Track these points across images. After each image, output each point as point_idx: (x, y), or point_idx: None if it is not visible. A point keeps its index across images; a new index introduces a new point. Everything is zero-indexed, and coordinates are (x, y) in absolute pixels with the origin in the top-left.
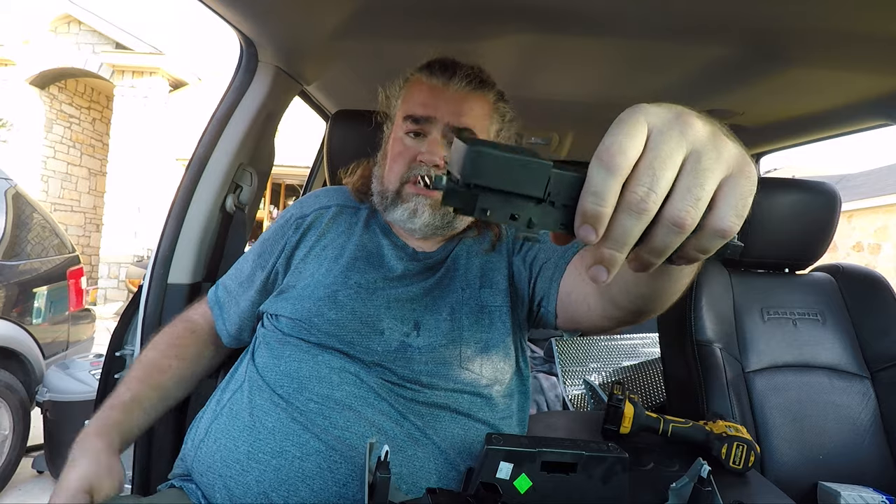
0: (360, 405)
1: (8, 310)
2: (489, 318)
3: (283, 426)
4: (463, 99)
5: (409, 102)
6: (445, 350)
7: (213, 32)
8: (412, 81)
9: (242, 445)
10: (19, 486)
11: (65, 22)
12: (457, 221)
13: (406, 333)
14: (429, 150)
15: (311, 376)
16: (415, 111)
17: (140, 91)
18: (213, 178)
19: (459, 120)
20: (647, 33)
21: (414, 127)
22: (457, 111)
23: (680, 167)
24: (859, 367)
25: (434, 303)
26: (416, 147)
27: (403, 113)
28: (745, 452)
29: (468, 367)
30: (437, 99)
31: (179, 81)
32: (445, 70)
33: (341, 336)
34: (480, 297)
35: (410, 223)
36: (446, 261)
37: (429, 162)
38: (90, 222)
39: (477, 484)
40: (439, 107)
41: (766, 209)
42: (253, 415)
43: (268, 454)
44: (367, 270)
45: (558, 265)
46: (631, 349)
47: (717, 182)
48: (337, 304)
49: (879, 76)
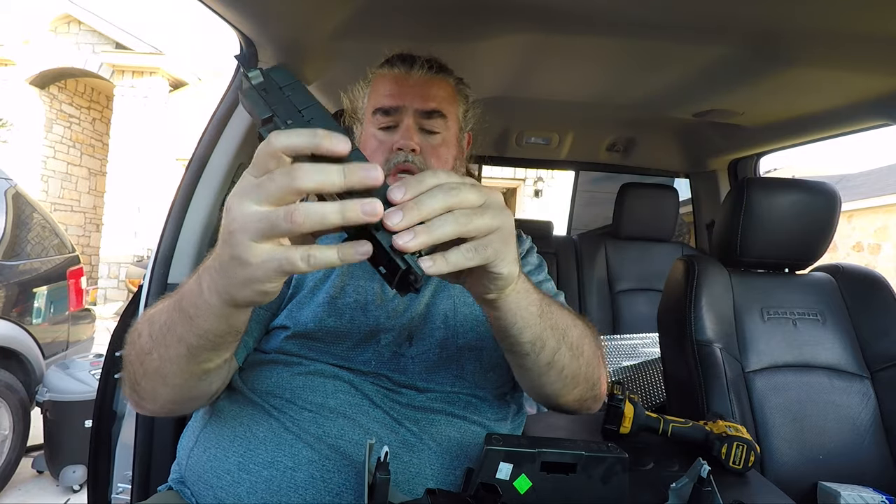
0: (355, 413)
1: (8, 310)
2: (484, 327)
3: (274, 435)
4: (428, 83)
5: (376, 96)
6: (439, 358)
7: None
8: (375, 78)
9: (233, 456)
10: (19, 486)
11: (65, 22)
12: None
13: (399, 344)
14: (403, 135)
15: (304, 386)
16: (383, 103)
17: (140, 91)
18: (213, 178)
19: (427, 104)
20: (647, 33)
21: (385, 120)
22: (423, 95)
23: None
24: (859, 367)
25: (428, 311)
26: (390, 138)
27: (372, 107)
28: (745, 452)
29: (463, 373)
30: (402, 87)
31: (179, 81)
32: (405, 60)
33: (336, 352)
34: (474, 307)
35: None
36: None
37: (405, 147)
38: (90, 222)
39: (476, 484)
40: (406, 94)
41: (766, 209)
42: (243, 423)
43: (259, 465)
44: (361, 279)
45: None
46: (631, 349)
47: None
48: (336, 311)
49: (879, 76)
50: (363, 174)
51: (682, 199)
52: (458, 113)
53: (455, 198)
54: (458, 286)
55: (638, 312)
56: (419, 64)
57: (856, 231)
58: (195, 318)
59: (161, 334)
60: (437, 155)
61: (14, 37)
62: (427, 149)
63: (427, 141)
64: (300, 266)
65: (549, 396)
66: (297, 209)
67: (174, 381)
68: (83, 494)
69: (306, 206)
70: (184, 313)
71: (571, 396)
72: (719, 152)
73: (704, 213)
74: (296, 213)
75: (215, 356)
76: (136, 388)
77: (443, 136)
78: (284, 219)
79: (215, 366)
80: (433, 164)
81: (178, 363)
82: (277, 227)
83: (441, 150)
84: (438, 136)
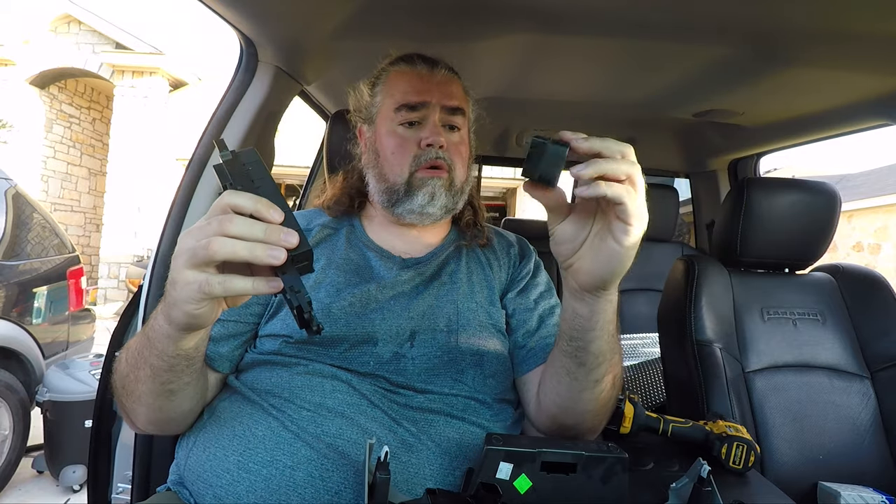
0: (353, 412)
1: (8, 310)
2: (487, 333)
3: (273, 434)
4: (449, 82)
5: (399, 92)
6: (441, 362)
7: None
8: (393, 74)
9: (232, 455)
10: (19, 486)
11: (65, 22)
12: (459, 201)
13: (400, 344)
14: (432, 132)
15: (302, 385)
16: (409, 99)
17: (140, 91)
18: (213, 178)
19: (451, 101)
20: (647, 33)
21: (410, 115)
22: (447, 93)
23: None
24: (859, 367)
25: (431, 313)
26: (416, 135)
27: (394, 104)
28: (745, 452)
29: (463, 378)
30: (428, 83)
31: (179, 81)
32: (426, 59)
33: (333, 355)
34: (478, 313)
35: (430, 207)
36: (441, 271)
37: (435, 143)
38: (90, 222)
39: (477, 484)
40: (433, 91)
41: (766, 209)
42: (242, 423)
43: (258, 464)
44: (357, 283)
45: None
46: (631, 349)
47: None
48: (331, 317)
49: (879, 76)
50: (279, 237)
51: (682, 199)
52: (469, 111)
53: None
54: (460, 291)
55: (638, 312)
56: (440, 64)
57: (856, 231)
58: (153, 341)
59: (134, 358)
60: (459, 153)
61: (14, 37)
62: (450, 146)
63: (449, 138)
64: (216, 289)
65: (576, 416)
66: (213, 242)
67: (147, 401)
68: (83, 494)
69: (223, 240)
70: (146, 336)
71: (594, 422)
72: (719, 152)
73: (704, 213)
74: (211, 245)
75: (175, 377)
76: (123, 409)
77: (461, 134)
78: (203, 247)
79: (178, 387)
80: (456, 161)
81: (146, 383)
82: (198, 254)
83: (461, 148)
84: (458, 134)
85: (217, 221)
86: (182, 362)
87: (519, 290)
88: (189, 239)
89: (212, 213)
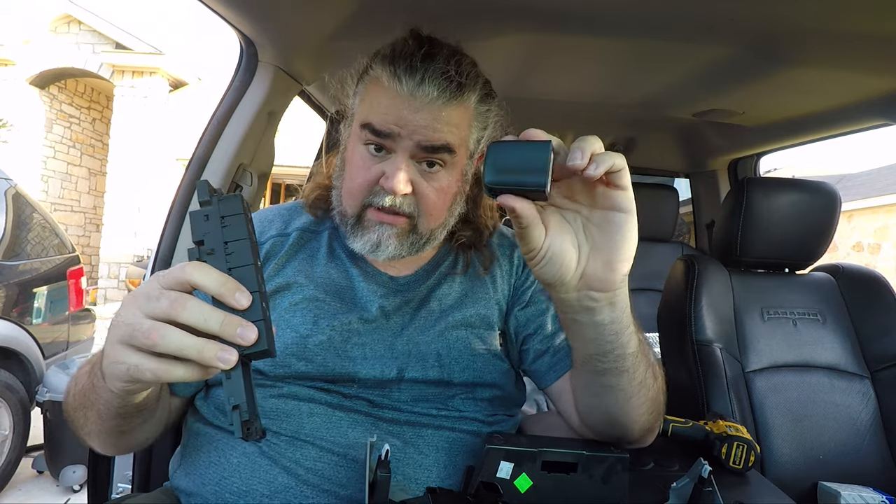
0: (333, 436)
1: (8, 310)
2: (481, 361)
3: (249, 461)
4: (436, 113)
5: (369, 107)
6: (431, 393)
7: (213, 32)
8: (372, 80)
9: (209, 484)
10: (19, 486)
11: (65, 22)
12: (427, 246)
13: (387, 381)
14: (392, 174)
15: (277, 410)
16: (374, 121)
17: (140, 91)
18: (213, 178)
19: (433, 137)
20: (647, 33)
21: (375, 139)
22: (430, 126)
23: None
24: (859, 366)
25: (417, 351)
26: (378, 166)
27: (361, 119)
28: (746, 452)
29: (456, 404)
30: (401, 110)
31: (179, 81)
32: (413, 73)
33: (309, 384)
34: (470, 340)
35: (373, 255)
36: (430, 296)
37: (390, 191)
38: (90, 222)
39: (477, 483)
40: (406, 122)
41: (766, 209)
42: (217, 448)
43: (234, 494)
44: (338, 312)
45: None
46: None
47: None
48: (307, 354)
49: (879, 76)
50: (235, 331)
51: (682, 199)
52: (469, 141)
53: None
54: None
55: (638, 312)
56: (429, 82)
57: (856, 231)
58: (98, 390)
59: (81, 398)
60: (431, 201)
61: (14, 37)
62: (422, 190)
63: (420, 182)
64: (147, 376)
65: (629, 424)
66: (158, 329)
67: (99, 437)
68: (83, 494)
69: (169, 332)
70: (91, 382)
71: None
72: (719, 152)
73: (704, 213)
74: (154, 333)
75: (125, 422)
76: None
77: (443, 177)
78: (144, 333)
79: (131, 428)
80: (425, 209)
81: (95, 424)
82: (135, 338)
83: (440, 196)
84: (439, 175)
85: (168, 301)
86: (132, 411)
87: (527, 300)
88: (133, 309)
89: (168, 283)
